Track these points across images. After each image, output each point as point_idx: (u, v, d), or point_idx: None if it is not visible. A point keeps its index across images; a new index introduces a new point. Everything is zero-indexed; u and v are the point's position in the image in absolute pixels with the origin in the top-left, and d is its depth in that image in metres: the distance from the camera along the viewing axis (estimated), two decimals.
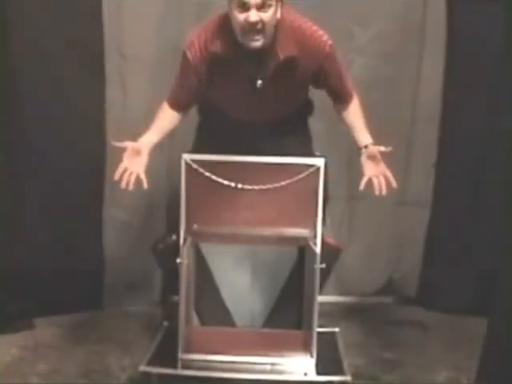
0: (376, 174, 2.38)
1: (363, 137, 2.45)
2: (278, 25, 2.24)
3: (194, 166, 2.45)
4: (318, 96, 2.97)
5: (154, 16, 3.04)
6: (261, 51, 2.23)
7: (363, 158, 2.43)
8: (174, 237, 2.56)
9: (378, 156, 2.40)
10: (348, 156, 3.27)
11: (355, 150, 3.22)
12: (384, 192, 2.37)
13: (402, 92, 3.21)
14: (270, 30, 2.20)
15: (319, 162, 2.46)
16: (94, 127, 3.04)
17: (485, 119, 3.11)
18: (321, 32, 2.33)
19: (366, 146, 2.43)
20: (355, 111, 2.49)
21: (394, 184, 2.38)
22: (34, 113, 2.92)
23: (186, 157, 2.46)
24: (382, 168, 2.39)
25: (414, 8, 3.12)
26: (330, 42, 2.33)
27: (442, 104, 3.16)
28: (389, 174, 2.38)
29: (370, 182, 2.39)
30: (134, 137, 3.02)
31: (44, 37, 2.87)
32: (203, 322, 2.60)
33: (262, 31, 2.17)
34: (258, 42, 2.19)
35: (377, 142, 3.18)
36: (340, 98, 2.49)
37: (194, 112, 2.64)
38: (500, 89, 3.04)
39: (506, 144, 3.06)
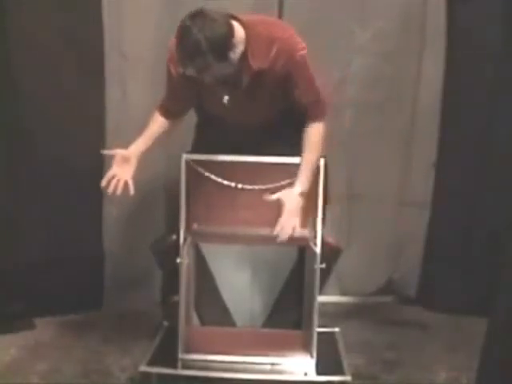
0: (287, 221, 2.33)
1: (302, 180, 2.37)
2: (250, 39, 2.22)
3: (194, 165, 2.45)
4: None
5: (154, 16, 3.04)
6: None
7: (292, 197, 2.35)
8: (173, 237, 2.56)
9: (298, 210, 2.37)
10: (348, 156, 3.27)
11: (355, 149, 3.27)
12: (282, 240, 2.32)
13: (402, 92, 3.21)
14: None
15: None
16: (94, 127, 3.04)
17: (485, 119, 3.11)
18: (297, 40, 2.31)
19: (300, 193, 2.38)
20: (314, 137, 2.41)
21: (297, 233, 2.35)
22: (34, 113, 2.92)
23: (186, 157, 2.46)
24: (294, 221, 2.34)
25: (414, 8, 3.12)
26: (302, 52, 2.29)
27: (442, 104, 3.16)
28: (297, 227, 2.34)
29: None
30: (134, 137, 3.04)
31: (44, 37, 2.87)
32: (203, 321, 2.60)
33: None
34: None
35: (377, 142, 3.22)
36: (306, 113, 2.40)
37: (192, 112, 2.65)
38: (500, 89, 3.04)
39: (506, 144, 3.06)
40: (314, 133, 2.40)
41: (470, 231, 3.18)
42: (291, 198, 2.34)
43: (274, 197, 2.35)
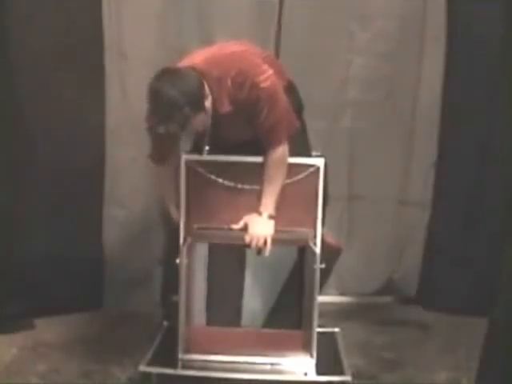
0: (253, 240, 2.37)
1: (267, 204, 2.38)
2: (211, 86, 2.23)
3: (194, 166, 2.45)
4: (317, 95, 2.99)
5: (154, 16, 3.04)
6: None
7: (257, 218, 2.39)
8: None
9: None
10: (348, 156, 3.27)
11: (355, 149, 3.27)
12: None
13: (402, 92, 3.21)
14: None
15: (319, 161, 2.45)
16: (94, 127, 3.04)
17: (485, 119, 3.11)
18: (257, 71, 2.27)
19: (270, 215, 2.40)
20: (275, 163, 2.38)
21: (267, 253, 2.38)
22: (34, 113, 2.92)
23: (186, 157, 2.46)
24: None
25: (414, 8, 3.12)
26: (263, 85, 2.25)
27: (442, 104, 3.16)
28: (268, 241, 2.37)
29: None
30: (134, 137, 3.04)
31: (44, 37, 2.87)
32: (211, 321, 2.59)
33: None
34: None
35: (377, 142, 3.22)
36: (264, 142, 2.37)
37: None
38: (500, 89, 3.04)
39: (506, 144, 3.06)
40: (271, 165, 2.38)
41: (470, 231, 3.18)
42: (256, 223, 2.38)
43: (241, 223, 2.40)
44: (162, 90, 2.11)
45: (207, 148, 2.35)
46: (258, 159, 2.43)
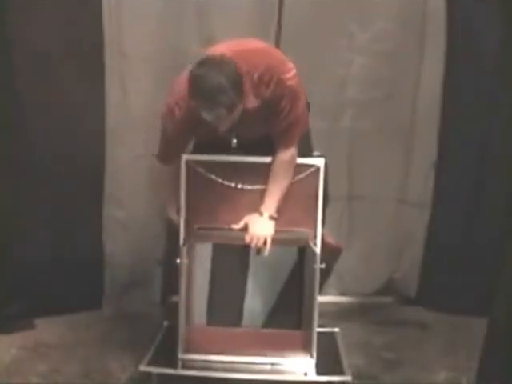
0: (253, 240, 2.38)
1: (269, 204, 2.40)
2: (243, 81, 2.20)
3: (194, 166, 2.45)
4: (317, 95, 2.98)
5: (154, 16, 3.04)
6: None
7: (257, 218, 2.40)
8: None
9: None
10: (348, 156, 3.27)
11: (355, 149, 3.28)
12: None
13: (402, 92, 3.21)
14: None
15: (319, 161, 2.45)
16: (94, 127, 3.04)
17: (485, 119, 3.11)
18: (284, 68, 2.28)
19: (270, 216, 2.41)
20: (283, 164, 2.39)
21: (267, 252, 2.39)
22: (34, 113, 2.92)
23: (186, 157, 2.46)
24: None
25: (414, 8, 3.12)
26: (290, 83, 2.26)
27: (442, 104, 3.16)
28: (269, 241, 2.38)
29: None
30: (134, 137, 3.04)
31: (44, 37, 2.87)
32: (211, 322, 2.59)
33: None
34: None
35: (377, 142, 3.22)
36: (277, 141, 2.38)
37: None
38: (500, 89, 3.05)
39: (506, 144, 3.06)
40: (279, 165, 2.39)
41: (470, 231, 3.18)
42: (257, 223, 2.38)
43: (242, 223, 2.40)
44: (209, 76, 2.08)
45: (235, 141, 2.33)
46: (259, 159, 2.43)
